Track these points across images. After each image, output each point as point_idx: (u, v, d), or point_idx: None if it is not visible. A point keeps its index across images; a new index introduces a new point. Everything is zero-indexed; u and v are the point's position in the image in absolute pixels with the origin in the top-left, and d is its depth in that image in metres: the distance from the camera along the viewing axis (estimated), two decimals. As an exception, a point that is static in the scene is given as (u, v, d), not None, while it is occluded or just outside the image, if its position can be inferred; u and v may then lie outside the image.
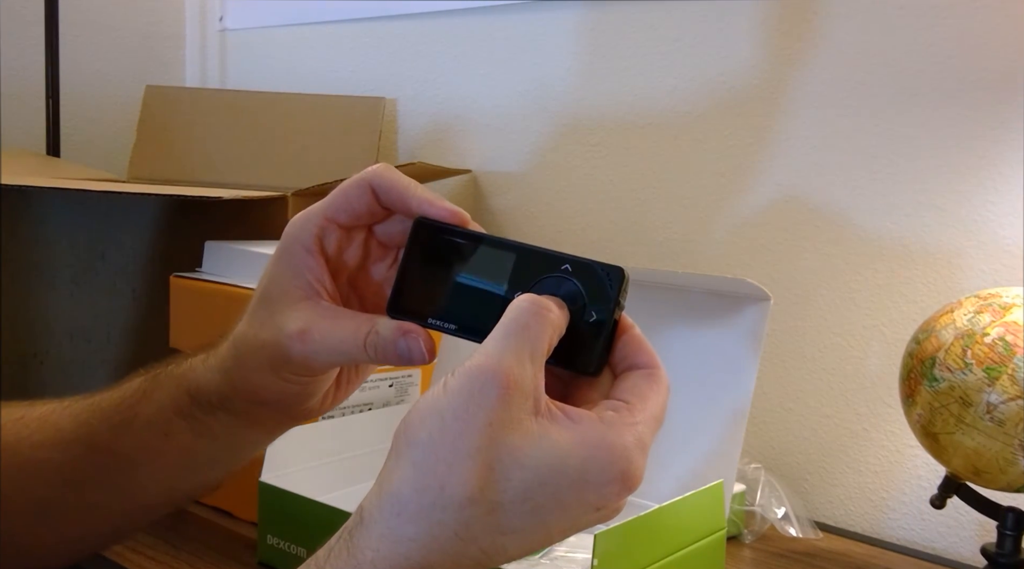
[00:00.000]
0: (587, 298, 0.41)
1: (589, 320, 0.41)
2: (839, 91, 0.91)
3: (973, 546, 0.81)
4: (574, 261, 0.42)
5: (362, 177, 0.47)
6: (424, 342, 0.44)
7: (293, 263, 0.47)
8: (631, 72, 1.06)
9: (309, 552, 0.69)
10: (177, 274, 0.90)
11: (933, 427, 0.68)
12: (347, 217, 0.47)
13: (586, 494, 0.37)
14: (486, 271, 0.43)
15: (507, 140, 1.18)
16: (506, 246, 0.44)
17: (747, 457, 0.86)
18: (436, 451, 0.36)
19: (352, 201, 0.47)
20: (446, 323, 0.44)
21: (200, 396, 0.50)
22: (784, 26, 0.94)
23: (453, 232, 0.44)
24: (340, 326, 0.46)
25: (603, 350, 0.42)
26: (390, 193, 0.46)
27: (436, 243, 0.45)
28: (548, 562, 0.71)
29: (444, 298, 0.44)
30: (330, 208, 0.48)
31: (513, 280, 0.43)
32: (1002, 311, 0.67)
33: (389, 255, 0.49)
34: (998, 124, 0.82)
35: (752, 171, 0.97)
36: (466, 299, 0.44)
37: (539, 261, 0.43)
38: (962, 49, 0.84)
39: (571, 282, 0.42)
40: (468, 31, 1.20)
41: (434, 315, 0.44)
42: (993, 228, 0.83)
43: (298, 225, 0.48)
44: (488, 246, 0.44)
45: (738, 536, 0.81)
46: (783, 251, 0.95)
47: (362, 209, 0.47)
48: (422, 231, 0.45)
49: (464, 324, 0.43)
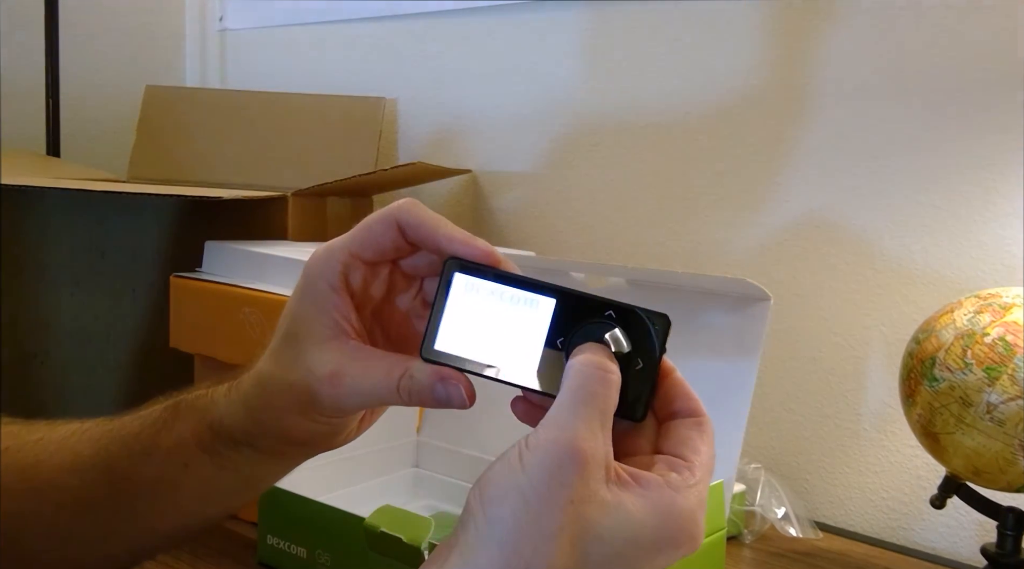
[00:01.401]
0: (632, 345, 0.41)
1: (636, 368, 0.41)
2: (839, 92, 0.91)
3: (973, 546, 0.81)
4: (618, 307, 0.41)
5: (388, 213, 0.46)
6: (465, 387, 0.43)
7: (318, 301, 0.46)
8: (631, 72, 1.06)
9: (309, 552, 0.69)
10: (177, 274, 0.90)
11: (933, 427, 0.68)
12: (372, 253, 0.46)
13: (658, 559, 0.39)
14: (526, 315, 0.42)
15: (507, 140, 1.18)
16: (546, 289, 0.42)
17: (747, 457, 0.86)
18: (520, 531, 0.37)
19: (377, 237, 0.46)
20: (484, 369, 0.42)
21: (223, 431, 0.49)
22: (785, 28, 0.94)
23: (488, 273, 0.43)
24: (372, 369, 0.44)
25: (650, 397, 0.41)
26: (418, 230, 0.45)
27: (470, 284, 0.43)
28: (548, 562, 0.71)
29: (480, 342, 0.42)
30: (354, 244, 0.46)
31: (555, 326, 0.42)
32: (1002, 311, 0.67)
33: (414, 286, 0.48)
34: (998, 124, 0.82)
35: (752, 171, 0.97)
36: (504, 344, 0.42)
37: (581, 306, 0.42)
38: (962, 49, 0.84)
39: (616, 329, 0.41)
40: (468, 31, 1.20)
41: (471, 359, 0.42)
42: (993, 228, 0.83)
43: (321, 261, 0.46)
44: (527, 289, 0.42)
45: (738, 536, 0.81)
46: (783, 251, 0.95)
47: (387, 245, 0.46)
48: (454, 272, 0.43)
49: (503, 370, 0.42)
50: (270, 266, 0.85)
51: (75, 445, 0.51)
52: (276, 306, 0.80)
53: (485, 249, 0.44)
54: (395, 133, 1.29)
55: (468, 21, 1.20)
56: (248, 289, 0.83)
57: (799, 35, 0.93)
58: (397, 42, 1.29)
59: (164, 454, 0.49)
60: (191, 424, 0.49)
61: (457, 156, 1.22)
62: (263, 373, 0.47)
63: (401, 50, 1.29)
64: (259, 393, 0.47)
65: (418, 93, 1.27)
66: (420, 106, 1.27)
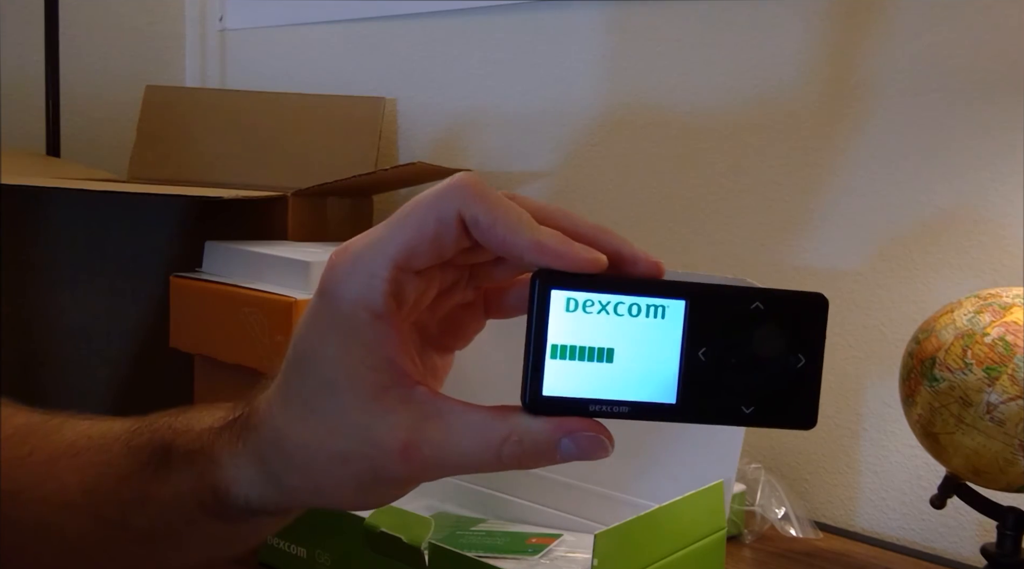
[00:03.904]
0: (790, 340, 0.34)
1: (798, 366, 0.34)
2: (839, 92, 0.91)
3: (973, 546, 0.81)
4: (766, 296, 0.34)
5: (447, 203, 0.33)
6: (602, 433, 0.34)
7: (361, 338, 0.34)
8: (631, 72, 1.06)
9: (309, 552, 0.69)
10: (177, 274, 0.90)
11: (933, 427, 0.68)
12: (425, 261, 0.34)
13: None
14: (651, 327, 0.33)
15: (507, 140, 1.18)
16: (670, 289, 0.34)
17: (747, 457, 0.86)
18: None
19: (431, 239, 0.33)
20: (614, 406, 0.33)
21: (232, 500, 0.38)
22: (784, 28, 0.94)
23: (595, 282, 0.33)
24: (459, 435, 0.34)
25: (818, 396, 0.34)
26: (491, 233, 0.33)
27: (573, 301, 0.33)
28: (548, 562, 0.71)
29: (602, 373, 0.33)
30: (400, 251, 0.34)
31: (691, 334, 0.33)
32: (1002, 311, 0.67)
33: (462, 276, 0.38)
34: (1004, 124, 0.82)
35: (752, 171, 0.97)
36: (632, 369, 0.33)
37: (719, 302, 0.34)
38: (963, 49, 0.84)
39: (767, 323, 0.34)
40: (468, 31, 1.20)
41: (595, 398, 0.33)
42: (993, 228, 0.83)
43: (356, 281, 0.34)
44: (647, 295, 0.33)
45: (738, 536, 0.81)
46: (783, 251, 0.95)
47: (446, 249, 0.34)
48: (551, 289, 0.33)
49: (637, 402, 0.33)
50: (270, 266, 0.85)
51: (61, 473, 0.42)
52: (276, 306, 0.80)
53: (589, 257, 0.33)
54: (395, 133, 1.29)
55: (468, 21, 1.20)
56: (248, 289, 0.83)
57: (800, 37, 0.93)
58: (397, 42, 1.29)
59: (160, 507, 0.40)
60: (188, 481, 0.39)
61: (457, 156, 1.22)
62: (289, 437, 0.36)
63: (401, 50, 1.29)
64: (287, 463, 0.36)
65: (418, 93, 1.27)
66: (420, 106, 1.27)
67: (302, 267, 0.83)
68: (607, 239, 0.35)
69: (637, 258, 0.35)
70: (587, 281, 0.33)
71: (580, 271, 0.33)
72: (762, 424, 0.34)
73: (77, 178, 1.17)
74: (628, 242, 0.35)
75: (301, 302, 0.79)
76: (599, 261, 0.33)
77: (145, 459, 0.40)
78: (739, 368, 0.34)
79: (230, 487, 0.38)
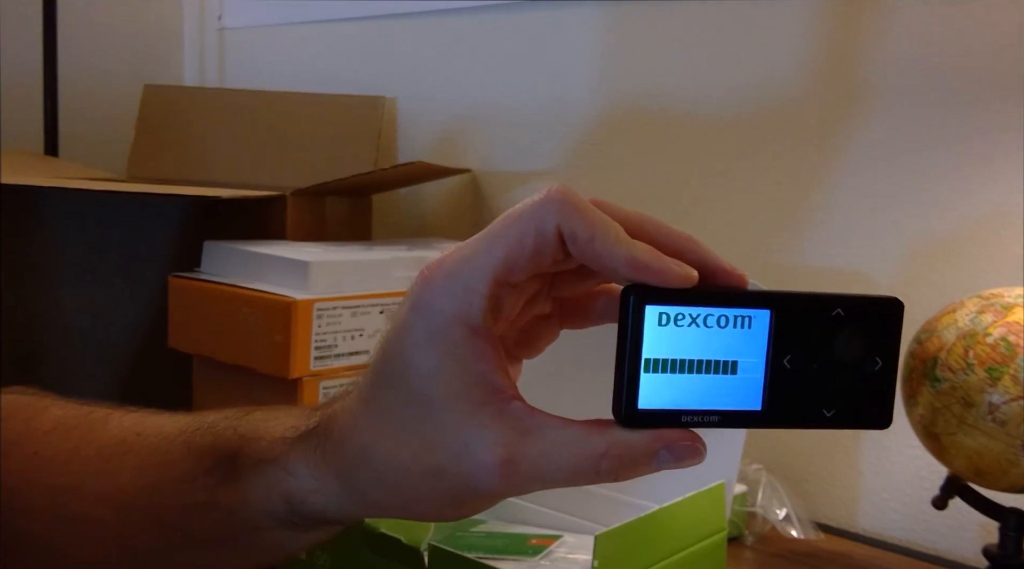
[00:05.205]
0: (869, 343, 0.35)
1: (875, 368, 0.35)
2: (838, 92, 0.91)
3: (975, 547, 0.80)
4: (846, 302, 0.35)
5: (545, 216, 0.33)
6: (696, 440, 0.35)
7: (459, 353, 0.34)
8: (630, 71, 1.06)
9: (308, 553, 0.69)
10: (176, 274, 0.90)
11: (935, 428, 0.68)
12: (524, 275, 0.34)
13: None
14: (738, 339, 0.35)
15: (508, 139, 1.17)
16: (755, 300, 0.35)
17: (748, 458, 0.86)
18: None
19: (531, 253, 0.33)
20: (704, 415, 0.35)
21: (307, 510, 0.38)
22: (784, 27, 0.94)
23: (686, 297, 0.34)
24: (557, 450, 0.34)
25: (893, 398, 0.36)
26: (588, 247, 0.33)
27: (665, 315, 0.34)
28: (548, 563, 0.71)
29: (692, 384, 0.34)
30: (500, 266, 0.33)
31: (776, 342, 0.35)
32: (1004, 311, 0.67)
33: (544, 286, 0.38)
34: (998, 124, 0.82)
35: (752, 169, 0.97)
36: (720, 379, 0.35)
37: (802, 310, 0.35)
38: (962, 49, 0.84)
39: (848, 329, 0.35)
40: (467, 30, 1.20)
41: (687, 409, 0.34)
42: (995, 228, 0.83)
43: (454, 296, 0.34)
44: (733, 307, 0.35)
45: (739, 537, 0.81)
46: (783, 250, 0.95)
47: (545, 262, 0.34)
48: (645, 305, 0.34)
49: (725, 411, 0.35)
50: (269, 266, 0.85)
51: (116, 469, 0.41)
52: (275, 306, 0.80)
53: (682, 273, 0.34)
54: (395, 132, 1.29)
55: (468, 20, 1.20)
56: (247, 289, 0.83)
57: (799, 38, 0.93)
58: (397, 41, 1.29)
59: (226, 512, 0.39)
60: (260, 491, 0.39)
61: (457, 155, 1.22)
62: (377, 452, 0.36)
63: (401, 49, 1.28)
64: (374, 478, 0.36)
65: (418, 92, 1.27)
66: (420, 105, 1.26)
67: (301, 267, 0.83)
68: (694, 249, 0.36)
69: (723, 269, 0.36)
70: (679, 295, 0.34)
71: (673, 286, 0.34)
72: (841, 426, 0.36)
73: (75, 177, 1.17)
74: (713, 253, 0.36)
75: (300, 302, 0.79)
76: (691, 277, 0.34)
77: (209, 464, 0.40)
78: (821, 373, 0.35)
79: (306, 498, 0.38)
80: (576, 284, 0.38)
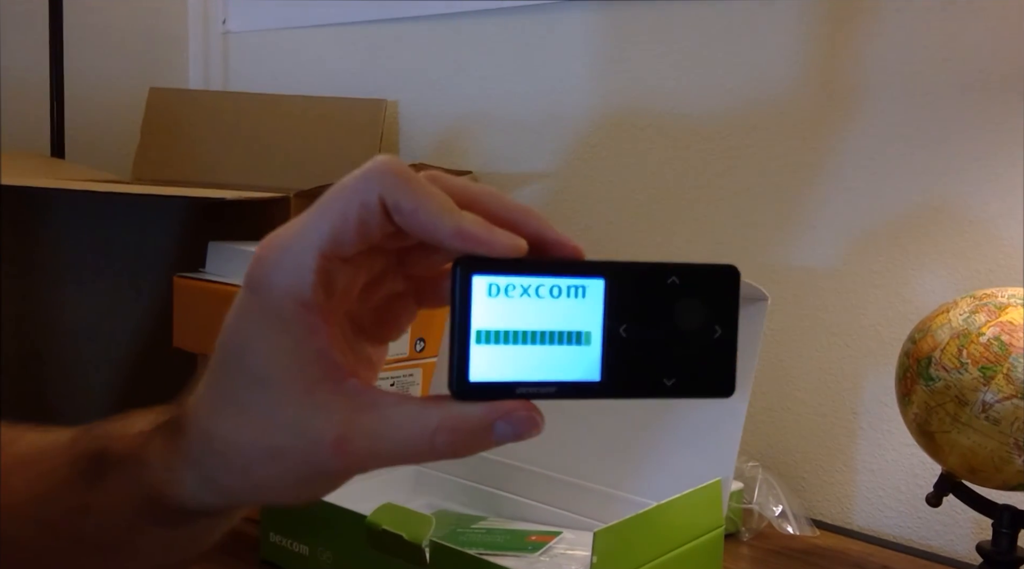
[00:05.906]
0: (707, 311, 0.35)
1: (715, 336, 0.35)
2: (838, 92, 0.92)
3: (969, 543, 0.81)
4: (681, 271, 0.35)
5: (367, 187, 0.33)
6: (533, 410, 0.33)
7: (291, 330, 0.33)
8: (629, 74, 1.06)
9: (311, 550, 0.70)
10: (180, 274, 0.90)
11: (929, 426, 0.69)
12: (353, 247, 0.33)
13: None
14: (572, 309, 0.34)
15: (508, 142, 1.18)
16: (587, 269, 0.34)
17: (745, 455, 0.86)
18: None
19: (356, 226, 0.33)
20: (540, 387, 0.34)
21: (168, 504, 0.37)
22: (779, 30, 0.95)
23: (515, 266, 0.33)
24: (392, 426, 0.33)
25: (734, 364, 0.35)
26: (413, 218, 0.33)
27: (494, 286, 0.33)
28: (547, 559, 0.72)
29: (528, 355, 0.34)
30: (325, 240, 0.33)
31: (611, 311, 0.34)
32: (997, 311, 0.68)
33: (390, 263, 0.38)
34: (997, 124, 0.83)
35: (750, 172, 0.98)
36: (556, 350, 0.34)
37: (636, 279, 0.34)
38: (960, 49, 0.84)
39: (684, 297, 0.34)
40: (469, 34, 1.21)
41: (521, 381, 0.33)
42: (990, 228, 0.83)
43: (284, 273, 0.33)
44: (566, 276, 0.34)
45: (736, 534, 0.81)
46: (779, 250, 0.96)
47: (373, 234, 0.33)
48: (472, 275, 0.33)
49: (563, 382, 0.34)
50: (272, 267, 0.86)
51: (14, 483, 0.40)
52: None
53: (510, 243, 0.33)
54: (396, 135, 1.30)
55: (469, 24, 1.21)
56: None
57: (797, 38, 0.94)
58: (399, 45, 1.30)
59: (100, 515, 0.38)
60: (124, 488, 0.37)
61: (458, 158, 1.23)
62: (219, 436, 0.35)
63: (403, 53, 1.29)
64: (221, 463, 0.35)
65: (419, 95, 1.27)
66: (421, 108, 1.27)
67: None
68: (530, 221, 0.35)
69: (559, 241, 0.35)
70: (508, 265, 0.33)
71: (501, 256, 0.33)
72: (683, 395, 0.35)
73: (81, 179, 1.18)
74: (551, 225, 0.35)
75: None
76: (519, 246, 0.33)
77: (84, 467, 0.39)
78: (659, 342, 0.34)
79: (164, 491, 0.37)
80: (424, 260, 0.38)
